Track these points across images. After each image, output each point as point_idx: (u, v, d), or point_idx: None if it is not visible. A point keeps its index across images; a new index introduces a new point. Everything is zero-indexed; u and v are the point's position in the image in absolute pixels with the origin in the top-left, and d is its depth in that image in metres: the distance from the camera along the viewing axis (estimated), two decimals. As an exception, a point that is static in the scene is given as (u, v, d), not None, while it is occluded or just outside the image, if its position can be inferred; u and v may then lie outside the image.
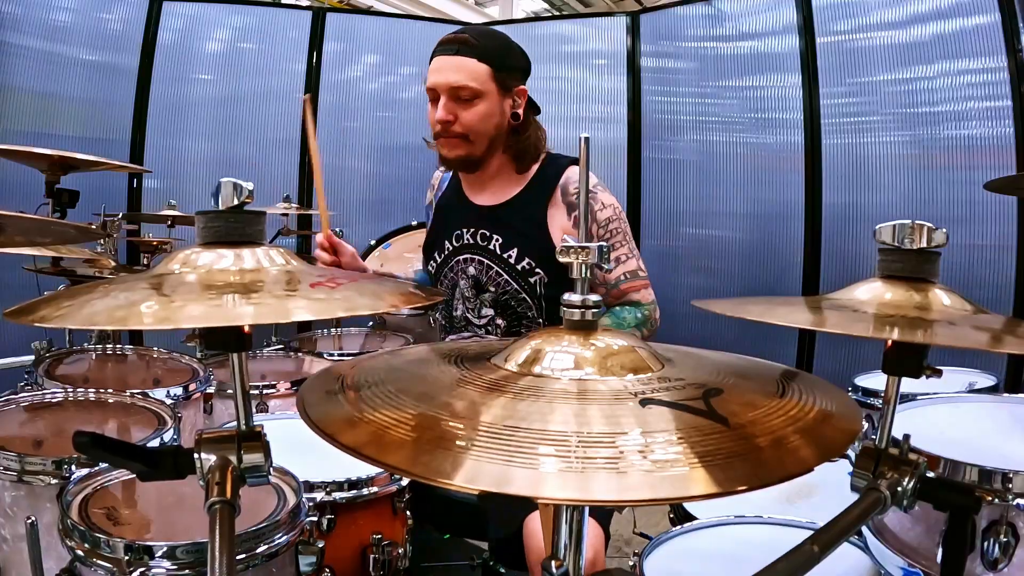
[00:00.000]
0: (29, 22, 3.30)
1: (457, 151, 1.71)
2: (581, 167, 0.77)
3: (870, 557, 1.13)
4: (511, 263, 1.72)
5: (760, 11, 3.46)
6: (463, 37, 1.67)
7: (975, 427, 1.28)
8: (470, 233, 1.78)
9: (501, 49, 1.71)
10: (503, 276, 1.73)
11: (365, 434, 0.59)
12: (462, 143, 1.70)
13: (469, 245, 1.78)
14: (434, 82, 1.67)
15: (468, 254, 1.78)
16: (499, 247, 1.74)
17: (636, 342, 0.73)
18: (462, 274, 1.80)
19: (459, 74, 1.65)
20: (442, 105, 1.67)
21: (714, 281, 3.61)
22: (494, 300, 1.76)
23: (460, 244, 1.80)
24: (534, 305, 1.72)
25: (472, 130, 1.69)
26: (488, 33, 1.73)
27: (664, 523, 1.36)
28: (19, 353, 2.53)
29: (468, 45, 1.66)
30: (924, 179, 3.02)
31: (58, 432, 1.39)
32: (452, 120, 1.67)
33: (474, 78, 1.65)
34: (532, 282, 1.71)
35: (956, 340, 0.70)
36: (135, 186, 3.64)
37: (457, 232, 1.80)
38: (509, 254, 1.72)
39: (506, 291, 1.74)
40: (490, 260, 1.75)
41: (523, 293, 1.72)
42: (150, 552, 0.95)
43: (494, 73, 1.67)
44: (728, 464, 0.54)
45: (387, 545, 1.30)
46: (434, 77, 1.68)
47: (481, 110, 1.68)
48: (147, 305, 0.63)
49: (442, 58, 1.67)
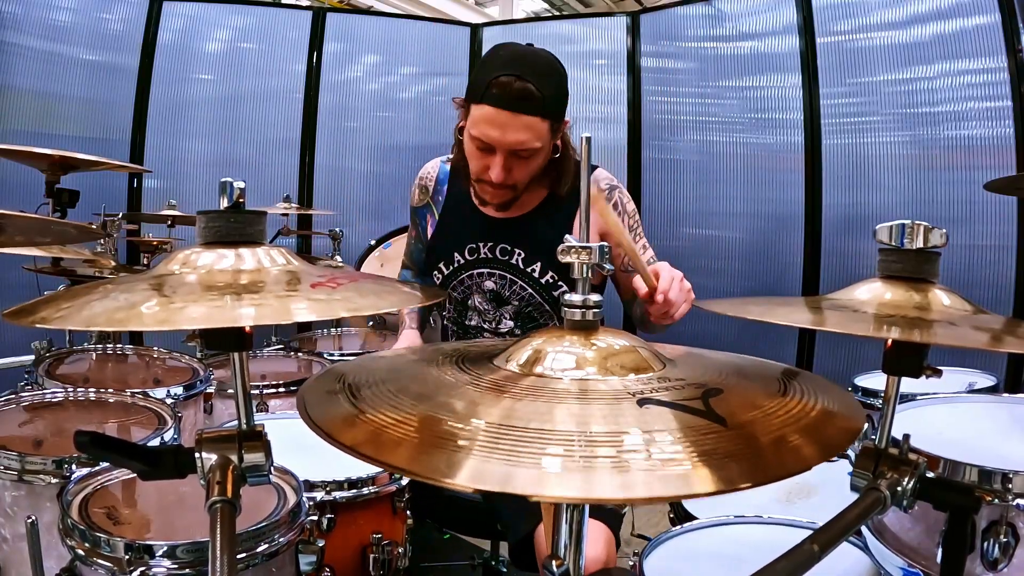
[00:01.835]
0: (29, 22, 3.31)
1: (502, 198, 1.64)
2: (583, 167, 0.77)
3: (870, 557, 1.13)
4: (535, 277, 1.69)
5: (760, 11, 3.46)
6: (527, 89, 1.49)
7: (975, 427, 1.28)
8: (487, 247, 1.72)
9: (559, 92, 1.57)
10: (527, 290, 1.71)
11: (368, 434, 0.59)
12: (509, 192, 1.63)
13: (487, 259, 1.73)
14: (493, 139, 1.53)
15: (485, 268, 1.73)
16: (522, 261, 1.70)
17: (637, 342, 0.73)
18: (477, 289, 1.75)
19: (524, 135, 1.53)
20: (499, 164, 1.55)
21: (714, 281, 3.61)
22: (516, 312, 1.73)
23: (475, 258, 1.74)
24: (557, 317, 1.70)
25: (523, 182, 1.62)
26: (545, 72, 1.55)
27: (664, 523, 1.37)
28: (19, 353, 2.53)
29: (533, 101, 1.50)
30: (924, 179, 3.02)
31: (58, 432, 1.39)
32: (506, 176, 1.57)
33: (538, 138, 1.54)
34: (556, 296, 1.69)
35: (956, 340, 0.70)
36: (135, 186, 3.65)
37: (471, 245, 1.73)
38: (532, 268, 1.69)
39: (530, 304, 1.72)
40: (513, 275, 1.71)
41: (547, 305, 1.71)
42: (150, 551, 0.95)
43: (552, 124, 1.56)
44: (728, 462, 0.54)
45: (387, 544, 1.30)
46: (494, 133, 1.53)
47: (536, 163, 1.60)
48: (147, 306, 0.63)
49: (504, 113, 1.50)
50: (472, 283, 1.76)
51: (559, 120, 1.59)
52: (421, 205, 1.88)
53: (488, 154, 1.57)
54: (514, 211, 1.71)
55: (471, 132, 1.57)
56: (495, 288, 1.74)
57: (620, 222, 1.63)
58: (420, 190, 1.88)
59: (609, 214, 1.08)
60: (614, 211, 1.71)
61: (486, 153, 1.57)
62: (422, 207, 1.88)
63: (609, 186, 1.72)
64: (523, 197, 1.69)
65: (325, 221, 3.59)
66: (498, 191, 1.61)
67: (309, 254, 3.70)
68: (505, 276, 1.72)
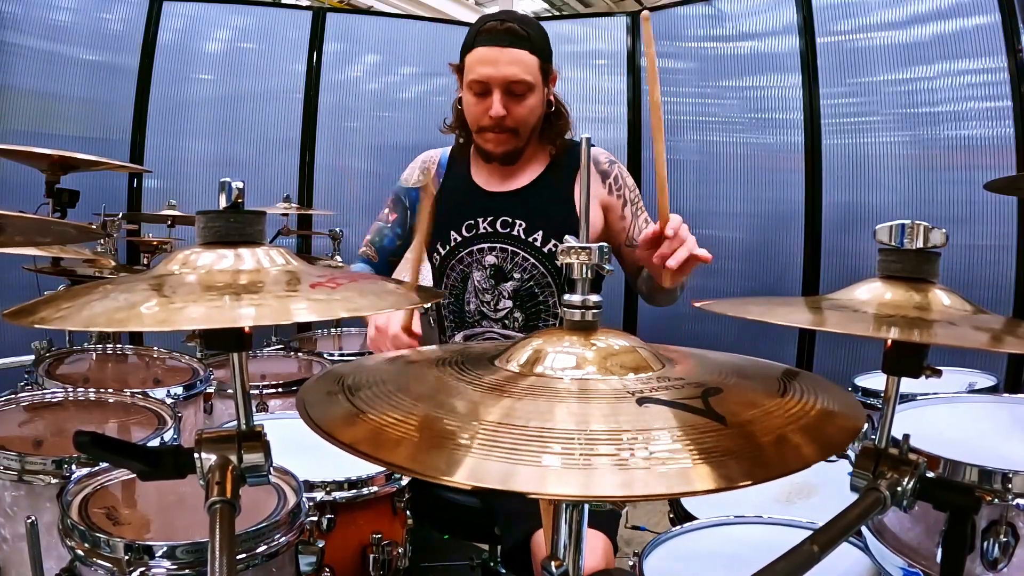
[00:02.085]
0: (29, 22, 3.31)
1: (505, 146, 1.67)
2: (582, 168, 0.77)
3: (870, 557, 1.13)
4: (537, 246, 1.70)
5: (760, 11, 3.47)
6: (512, 27, 1.60)
7: (975, 427, 1.28)
8: (487, 222, 1.72)
9: (544, 38, 1.66)
10: (529, 260, 1.71)
11: (368, 433, 0.59)
12: (512, 138, 1.66)
13: (486, 234, 1.73)
14: (487, 75, 1.60)
15: (485, 243, 1.73)
16: (523, 231, 1.70)
17: (637, 342, 0.73)
18: (477, 265, 1.74)
19: (516, 67, 1.60)
20: (497, 100, 1.61)
21: (714, 281, 3.61)
22: (515, 290, 1.72)
23: (473, 234, 1.73)
24: (557, 289, 1.70)
25: (523, 124, 1.66)
26: (526, 19, 1.68)
27: (664, 523, 1.37)
28: (19, 353, 2.53)
29: (519, 36, 1.60)
30: (924, 179, 3.02)
31: (58, 432, 1.39)
32: (506, 115, 1.62)
33: (529, 72, 1.61)
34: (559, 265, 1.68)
35: (956, 340, 0.70)
36: (135, 186, 3.65)
37: (469, 222, 1.73)
38: (534, 237, 1.70)
39: (532, 275, 1.71)
40: (515, 246, 1.71)
41: (548, 277, 1.71)
42: (150, 552, 0.95)
43: (541, 64, 1.63)
44: (728, 460, 0.54)
45: (387, 545, 1.30)
46: (487, 69, 1.60)
47: (531, 103, 1.64)
48: (147, 306, 0.63)
49: (494, 49, 1.60)
50: (472, 260, 1.75)
51: (547, 61, 1.66)
52: (414, 186, 1.84)
53: (486, 98, 1.63)
54: (512, 183, 1.74)
55: (468, 80, 1.64)
56: (496, 263, 1.73)
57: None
58: (420, 171, 1.86)
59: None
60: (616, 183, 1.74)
61: (484, 98, 1.63)
62: (414, 188, 1.84)
63: (608, 160, 1.75)
64: (521, 167, 1.73)
65: (325, 221, 3.59)
66: (500, 136, 1.65)
67: (309, 254, 3.70)
68: (507, 249, 1.72)
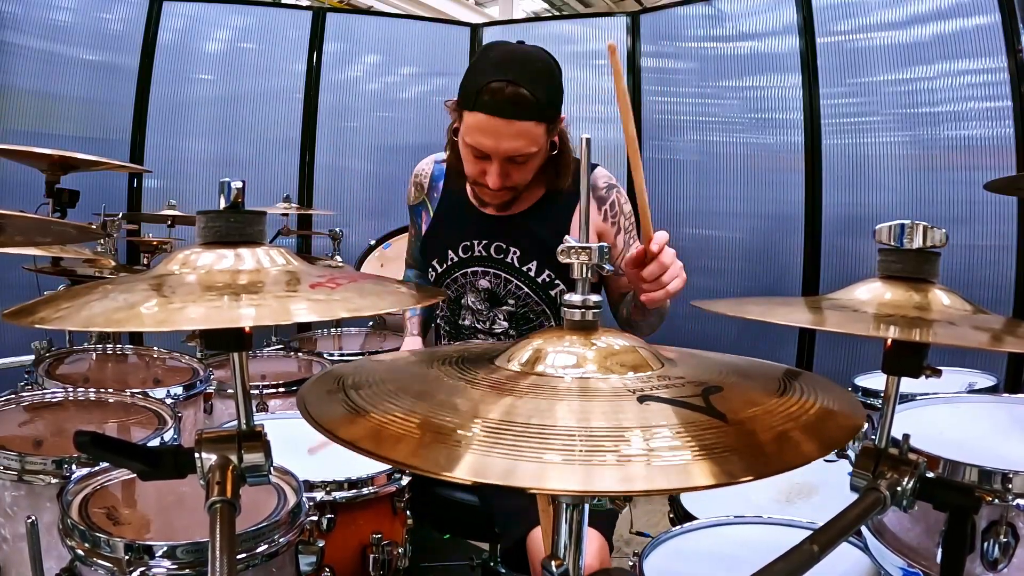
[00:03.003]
0: (29, 22, 3.31)
1: (500, 200, 1.63)
2: (583, 168, 0.77)
3: (870, 557, 1.13)
4: (531, 276, 1.67)
5: (760, 11, 3.46)
6: (519, 94, 1.44)
7: (975, 427, 1.28)
8: (481, 245, 1.70)
9: (553, 93, 1.53)
10: (523, 289, 1.69)
11: (369, 431, 0.59)
12: (508, 193, 1.61)
13: (480, 258, 1.70)
14: (488, 148, 1.50)
15: (479, 267, 1.71)
16: (517, 260, 1.68)
17: (637, 342, 0.73)
18: (471, 287, 1.73)
19: (520, 141, 1.48)
20: (495, 172, 1.52)
21: (714, 281, 3.61)
22: (511, 314, 1.71)
23: (468, 256, 1.72)
24: (552, 316, 1.69)
25: (522, 183, 1.59)
26: (538, 72, 1.50)
27: (664, 523, 1.37)
28: (19, 353, 2.53)
29: (526, 106, 1.45)
30: (924, 179, 3.02)
31: (58, 432, 1.39)
32: (503, 183, 1.55)
33: (534, 143, 1.50)
34: (553, 295, 1.67)
35: (956, 340, 0.70)
36: (135, 186, 3.65)
37: (465, 243, 1.71)
38: (528, 267, 1.67)
39: (526, 303, 1.70)
40: (508, 273, 1.69)
41: (542, 305, 1.69)
42: (150, 552, 0.95)
43: (548, 126, 1.53)
44: (728, 456, 0.54)
45: (387, 545, 1.30)
46: (488, 141, 1.49)
47: (534, 165, 1.57)
48: (147, 307, 0.63)
49: (498, 121, 1.46)
50: (466, 281, 1.74)
51: (555, 121, 1.56)
52: (417, 203, 1.86)
53: (484, 161, 1.54)
54: (510, 209, 1.69)
55: (465, 139, 1.54)
56: (490, 287, 1.71)
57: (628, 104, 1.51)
58: (415, 188, 1.86)
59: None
60: (612, 209, 1.71)
61: (481, 160, 1.54)
62: (417, 205, 1.86)
63: (607, 185, 1.71)
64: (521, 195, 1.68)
65: (325, 221, 3.59)
66: (497, 194, 1.59)
67: (309, 254, 3.70)
68: (500, 275, 1.70)
